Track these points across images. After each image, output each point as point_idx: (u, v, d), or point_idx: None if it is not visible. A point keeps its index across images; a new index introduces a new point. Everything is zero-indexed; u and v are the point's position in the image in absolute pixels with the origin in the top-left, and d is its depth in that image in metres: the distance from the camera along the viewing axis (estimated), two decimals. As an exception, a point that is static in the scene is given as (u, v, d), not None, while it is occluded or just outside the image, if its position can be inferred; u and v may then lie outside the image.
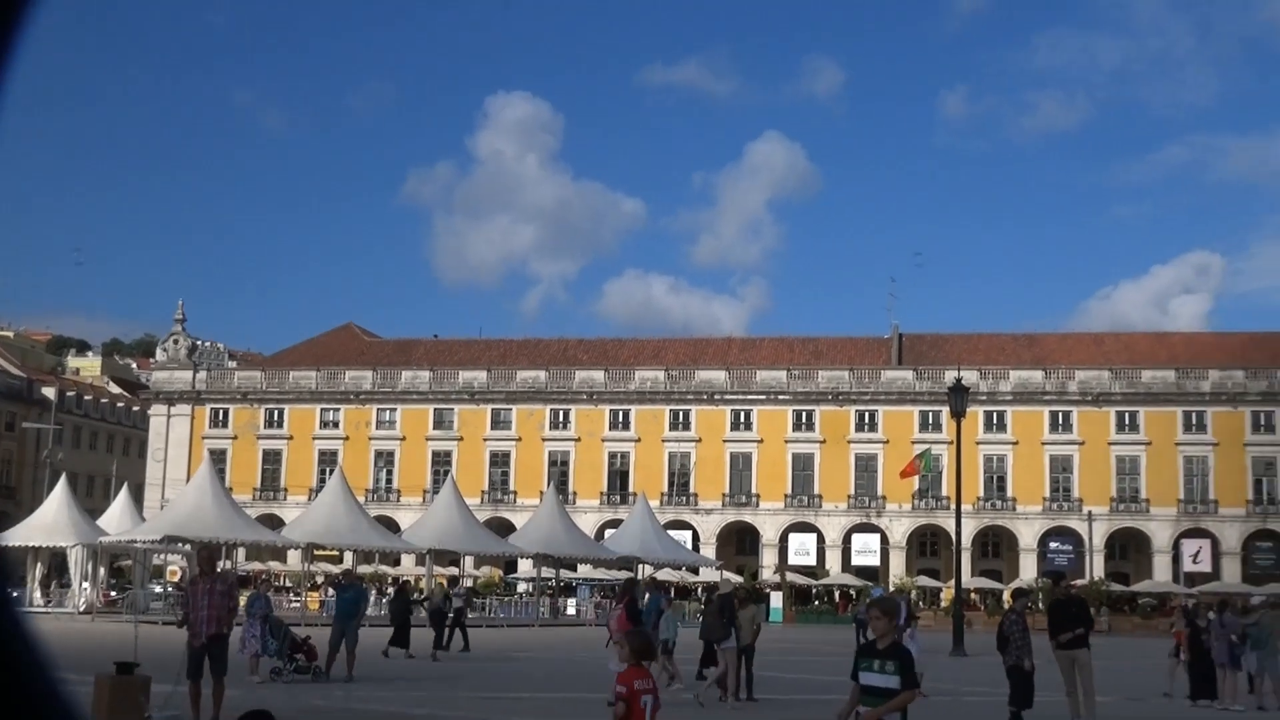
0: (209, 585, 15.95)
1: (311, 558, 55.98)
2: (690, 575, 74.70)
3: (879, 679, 8.18)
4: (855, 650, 8.61)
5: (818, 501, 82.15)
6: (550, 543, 56.65)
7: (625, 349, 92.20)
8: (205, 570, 16.68)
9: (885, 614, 8.45)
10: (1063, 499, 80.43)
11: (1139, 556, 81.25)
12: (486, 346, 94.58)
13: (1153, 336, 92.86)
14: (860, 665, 8.34)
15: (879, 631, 8.41)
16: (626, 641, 8.81)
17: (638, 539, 59.86)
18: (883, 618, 8.41)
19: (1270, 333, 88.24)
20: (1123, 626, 68.17)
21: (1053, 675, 18.34)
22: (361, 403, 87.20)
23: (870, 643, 8.51)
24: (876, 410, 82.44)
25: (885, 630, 8.38)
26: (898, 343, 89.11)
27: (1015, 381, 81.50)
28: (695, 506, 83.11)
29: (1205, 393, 79.89)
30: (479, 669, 28.81)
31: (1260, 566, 76.77)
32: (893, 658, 8.20)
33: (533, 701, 22.13)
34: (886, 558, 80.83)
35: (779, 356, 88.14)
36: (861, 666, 8.33)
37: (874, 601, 9.15)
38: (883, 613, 8.46)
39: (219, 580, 16.52)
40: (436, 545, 53.70)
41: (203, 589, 15.87)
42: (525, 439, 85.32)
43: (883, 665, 8.18)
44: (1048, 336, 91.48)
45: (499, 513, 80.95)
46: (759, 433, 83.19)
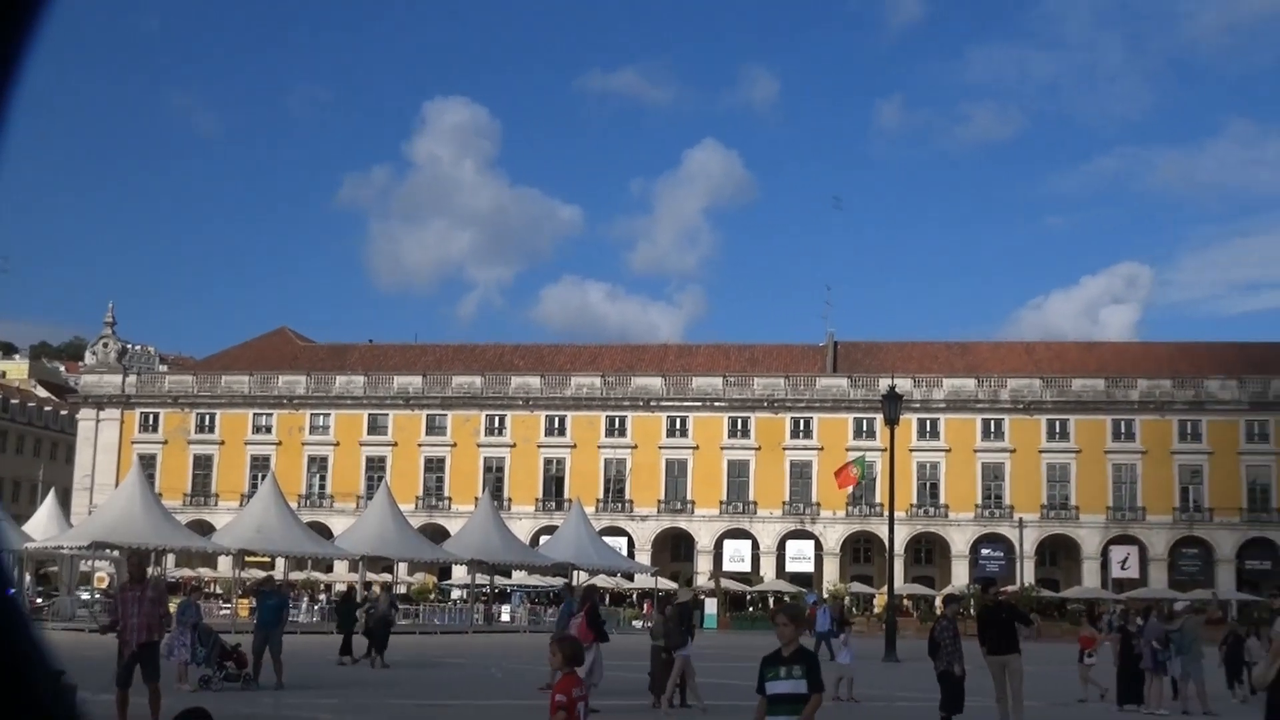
0: (139, 593, 15.80)
1: (243, 564, 55.32)
2: (625, 581, 74.75)
3: (788, 686, 8.01)
4: (760, 661, 8.36)
5: (753, 508, 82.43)
6: (485, 549, 56.39)
7: (561, 355, 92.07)
8: (135, 577, 16.51)
9: (792, 621, 8.31)
10: (994, 506, 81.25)
11: (1069, 563, 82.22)
12: (422, 352, 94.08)
13: (1083, 346, 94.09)
14: (767, 676, 8.15)
15: (785, 639, 8.23)
16: (559, 649, 8.80)
17: (573, 545, 59.74)
18: (789, 624, 8.25)
19: (1197, 343, 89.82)
20: (1052, 632, 68.82)
21: (984, 681, 18.50)
22: (295, 407, 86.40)
23: (775, 652, 8.28)
24: (811, 417, 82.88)
25: (791, 637, 8.22)
26: (833, 350, 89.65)
27: (948, 389, 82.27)
28: (631, 513, 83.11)
29: (1134, 401, 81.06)
30: (412, 676, 28.62)
31: (1186, 573, 77.98)
32: (799, 662, 8.06)
33: (463, 709, 22.03)
34: (821, 564, 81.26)
35: (715, 364, 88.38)
36: (768, 677, 8.14)
37: (780, 609, 8.83)
38: (789, 619, 8.29)
39: (150, 587, 16.37)
40: (370, 552, 53.28)
41: (133, 596, 15.73)
42: (460, 445, 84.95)
43: (790, 671, 8.03)
44: (980, 345, 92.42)
45: (433, 519, 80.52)
46: (694, 439, 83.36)
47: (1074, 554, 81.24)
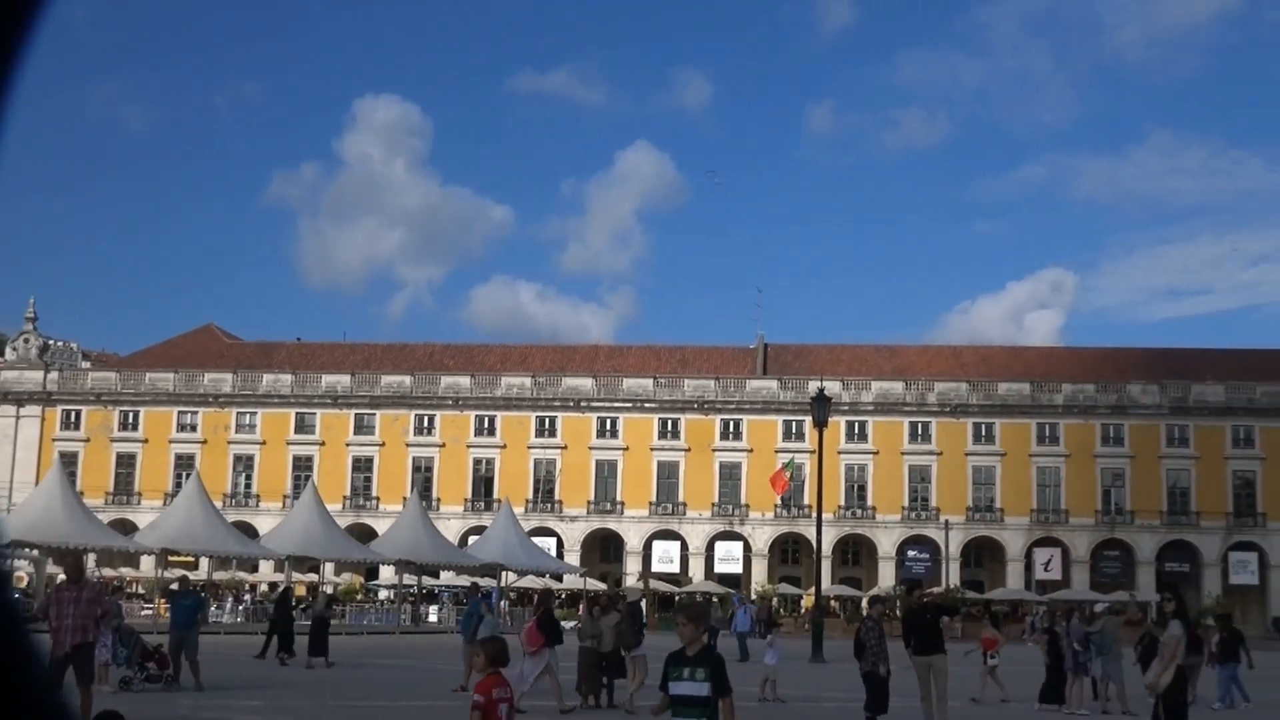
0: (75, 593, 15.57)
1: (166, 564, 54.53)
2: (554, 582, 74.56)
3: (690, 687, 7.79)
4: (665, 659, 8.17)
5: (682, 509, 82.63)
6: (412, 549, 56.04)
7: (492, 355, 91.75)
8: (72, 577, 16.26)
9: (691, 620, 8.04)
10: (921, 508, 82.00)
11: (993, 565, 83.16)
12: (351, 350, 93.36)
13: (1009, 350, 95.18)
14: (670, 675, 7.94)
15: (686, 639, 8.01)
16: (483, 650, 8.76)
17: (501, 546, 59.51)
18: (689, 624, 8.01)
19: (1119, 348, 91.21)
20: (976, 633, 69.60)
21: (909, 681, 18.65)
22: (221, 405, 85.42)
23: (680, 650, 8.06)
24: (741, 419, 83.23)
25: (692, 637, 7.98)
26: (763, 353, 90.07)
27: (876, 392, 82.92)
28: (560, 514, 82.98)
29: (1058, 405, 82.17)
30: (338, 677, 28.37)
31: (1107, 574, 79.16)
32: (703, 664, 7.84)
33: (386, 710, 21.88)
34: (749, 565, 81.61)
35: (646, 365, 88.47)
36: (672, 676, 7.93)
37: (680, 608, 8.66)
38: (688, 619, 8.05)
39: (86, 588, 16.12)
40: (296, 551, 52.77)
41: (68, 597, 15.52)
42: (389, 444, 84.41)
43: (693, 673, 7.80)
44: (908, 348, 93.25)
45: (361, 519, 79.93)
46: (625, 440, 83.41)
47: (998, 556, 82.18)
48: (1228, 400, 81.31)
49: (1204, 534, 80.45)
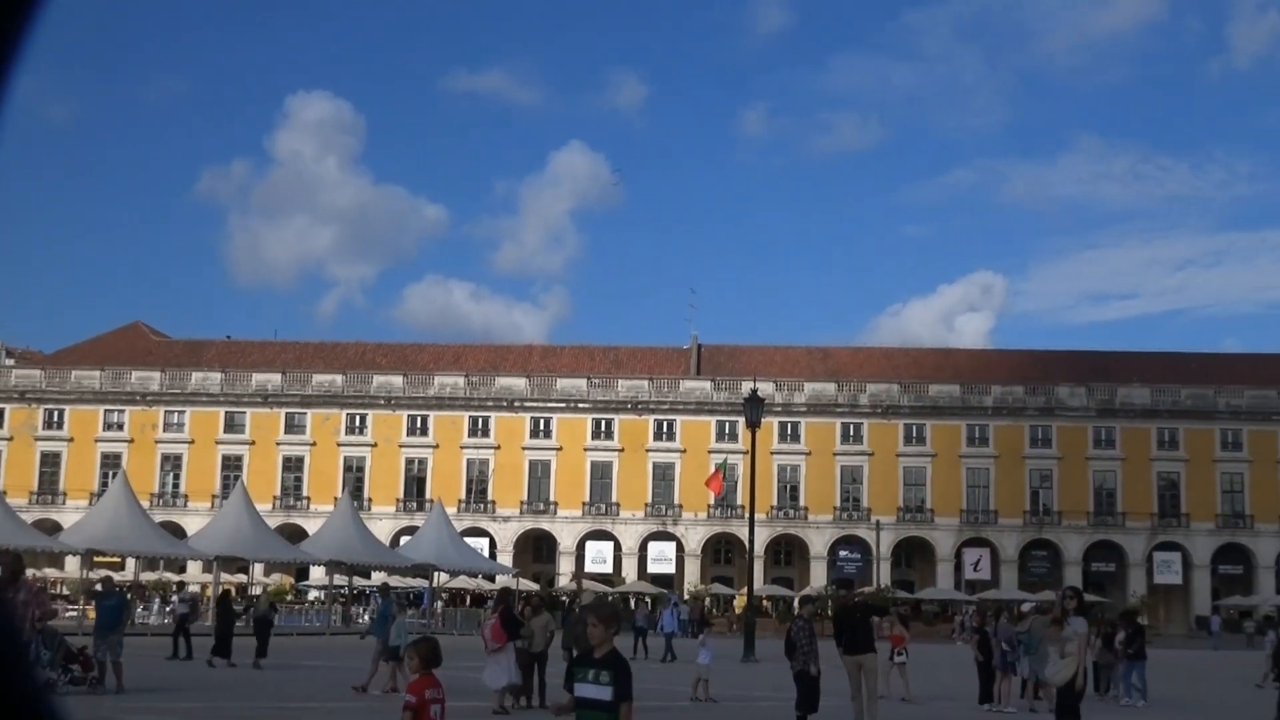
0: (12, 594, 15.29)
1: (91, 564, 53.70)
2: (486, 583, 74.32)
3: (592, 690, 7.60)
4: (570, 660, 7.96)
5: (615, 509, 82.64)
6: (343, 549, 55.55)
7: (425, 354, 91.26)
8: (8, 578, 15.96)
9: (601, 621, 7.81)
10: (852, 508, 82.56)
11: (923, 565, 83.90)
12: (281, 349, 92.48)
13: (940, 352, 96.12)
14: (575, 675, 7.76)
15: (595, 640, 7.80)
16: (415, 651, 8.67)
17: (433, 546, 59.17)
18: (599, 625, 7.79)
19: (1048, 351, 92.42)
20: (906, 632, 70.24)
21: (840, 680, 18.74)
22: (148, 404, 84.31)
23: (586, 651, 7.91)
24: (675, 420, 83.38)
25: (602, 639, 7.77)
26: (696, 353, 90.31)
27: (809, 393, 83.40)
28: (493, 514, 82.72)
29: (988, 407, 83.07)
30: (267, 678, 28.08)
31: (1035, 574, 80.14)
32: (607, 667, 7.66)
33: (315, 711, 21.66)
34: (682, 565, 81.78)
35: (579, 365, 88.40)
36: (576, 677, 7.74)
37: (590, 608, 8.30)
38: (599, 620, 7.82)
39: (22, 588, 15.84)
40: (224, 552, 52.13)
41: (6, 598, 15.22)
42: (320, 444, 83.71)
43: (597, 675, 7.62)
44: (841, 350, 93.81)
45: (291, 519, 79.23)
46: (558, 440, 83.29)
47: (929, 556, 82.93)
48: (1153, 403, 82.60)
49: (1129, 534, 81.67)
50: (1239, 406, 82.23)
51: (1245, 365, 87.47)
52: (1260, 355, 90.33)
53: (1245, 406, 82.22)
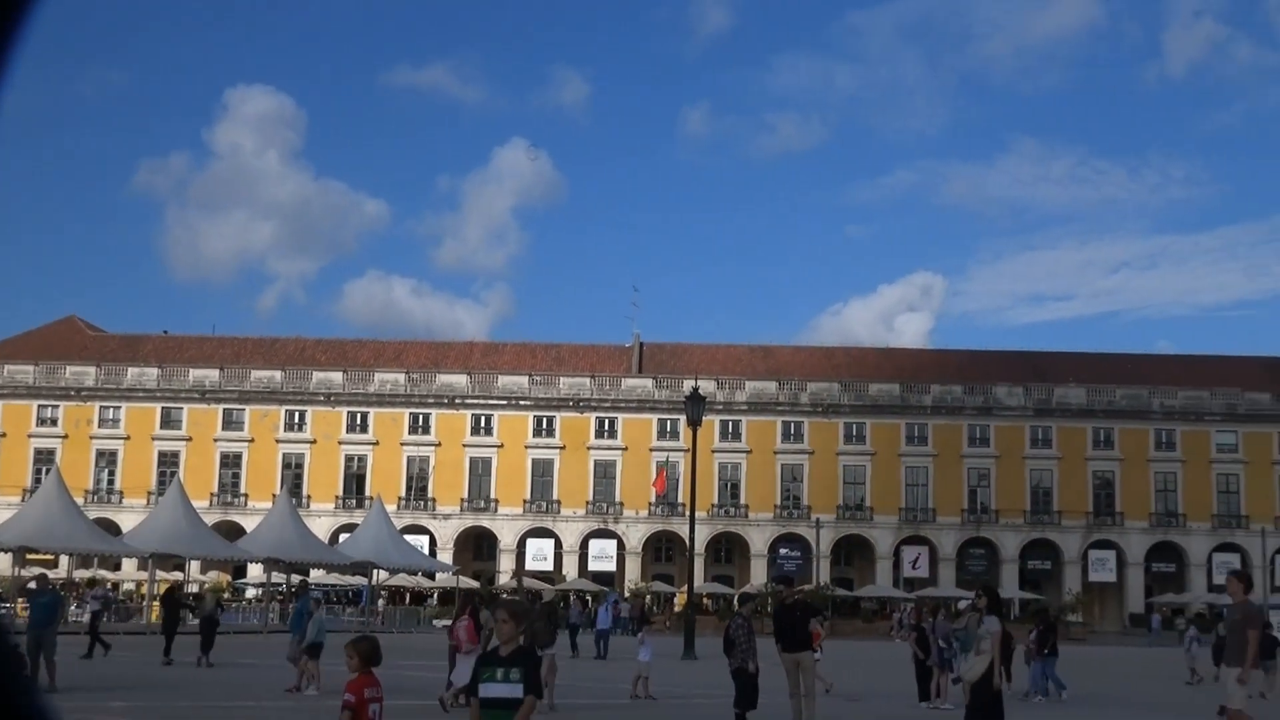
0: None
1: (24, 562, 52.91)
2: (426, 580, 74.05)
3: (502, 689, 7.42)
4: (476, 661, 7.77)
5: (556, 507, 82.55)
6: (281, 547, 55.08)
7: (365, 350, 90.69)
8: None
9: (512, 617, 7.63)
10: (793, 506, 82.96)
11: (862, 562, 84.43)
12: (219, 344, 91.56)
13: (880, 351, 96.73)
14: (482, 676, 7.55)
15: (504, 636, 7.61)
16: (354, 649, 8.58)
17: (373, 544, 58.82)
18: (509, 621, 7.60)
19: (986, 351, 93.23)
20: (845, 630, 70.72)
21: (778, 677, 18.81)
22: (83, 399, 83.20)
23: (493, 650, 7.71)
24: (616, 417, 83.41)
25: (510, 635, 7.60)
26: (639, 351, 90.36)
27: (750, 392, 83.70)
28: (433, 511, 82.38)
29: (927, 406, 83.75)
30: (203, 677, 27.79)
31: (973, 572, 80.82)
32: (517, 664, 7.49)
33: (248, 711, 21.47)
34: (623, 563, 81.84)
35: (521, 362, 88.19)
36: (484, 677, 7.53)
37: (501, 604, 8.09)
38: (510, 615, 7.63)
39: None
40: (160, 549, 51.51)
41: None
42: (258, 440, 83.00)
43: (506, 673, 7.44)
44: (782, 349, 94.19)
45: (229, 516, 78.51)
46: (499, 438, 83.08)
47: (868, 554, 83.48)
48: (1089, 403, 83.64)
49: (1065, 532, 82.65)
50: (1172, 407, 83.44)
51: (1179, 366, 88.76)
52: (1193, 356, 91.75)
53: (1178, 407, 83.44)
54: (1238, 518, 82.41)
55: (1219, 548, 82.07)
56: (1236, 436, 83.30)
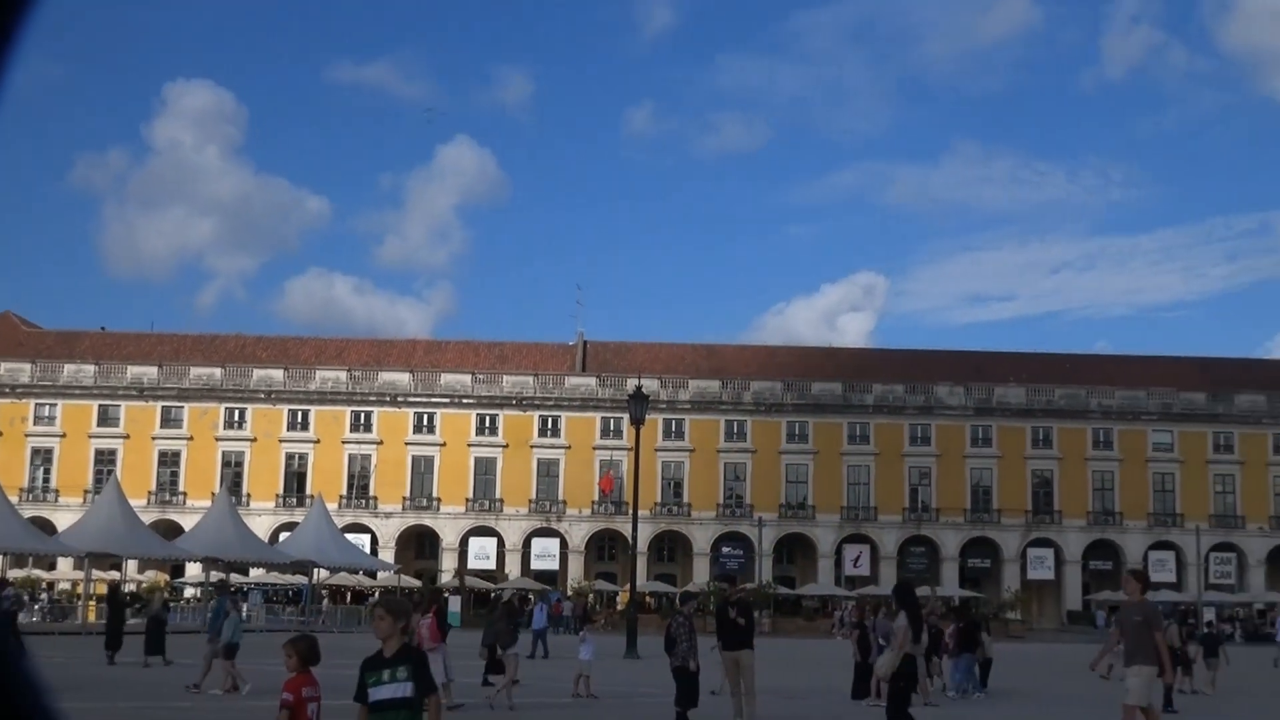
0: None
1: (-45, 561, 52.19)
2: (368, 579, 73.61)
3: (391, 690, 7.18)
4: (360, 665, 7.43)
5: (499, 505, 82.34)
6: (220, 546, 54.59)
7: (306, 348, 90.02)
8: None
9: (391, 613, 7.37)
10: (735, 505, 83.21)
11: (805, 561, 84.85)
12: (158, 341, 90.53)
13: (822, 351, 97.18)
14: (369, 681, 7.26)
15: (384, 633, 7.36)
16: (293, 649, 8.49)
17: (313, 543, 58.46)
18: (387, 618, 7.35)
19: (928, 350, 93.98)
20: (787, 628, 71.08)
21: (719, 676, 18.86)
22: (18, 396, 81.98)
23: (377, 653, 7.40)
24: (560, 416, 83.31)
25: (390, 633, 7.35)
26: (582, 350, 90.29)
27: (694, 391, 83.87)
28: (375, 510, 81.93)
29: (869, 405, 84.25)
30: (144, 677, 27.48)
31: (914, 570, 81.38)
32: (404, 663, 7.27)
33: (190, 712, 21.26)
34: (566, 562, 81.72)
35: (464, 360, 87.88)
36: (370, 682, 7.25)
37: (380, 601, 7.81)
38: (388, 612, 7.38)
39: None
40: (96, 548, 50.88)
41: None
42: (197, 438, 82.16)
43: (394, 674, 7.21)
44: (725, 348, 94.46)
45: (167, 514, 77.71)
46: (442, 436, 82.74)
47: (810, 552, 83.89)
48: (1028, 402, 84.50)
49: (1004, 531, 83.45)
50: (1110, 407, 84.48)
51: (1116, 367, 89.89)
52: (1131, 357, 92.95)
53: (1116, 407, 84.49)
54: (1173, 516, 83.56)
55: (1155, 545, 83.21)
56: (1172, 436, 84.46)
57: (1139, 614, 14.79)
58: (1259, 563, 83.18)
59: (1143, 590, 15.21)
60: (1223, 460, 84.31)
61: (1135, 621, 14.75)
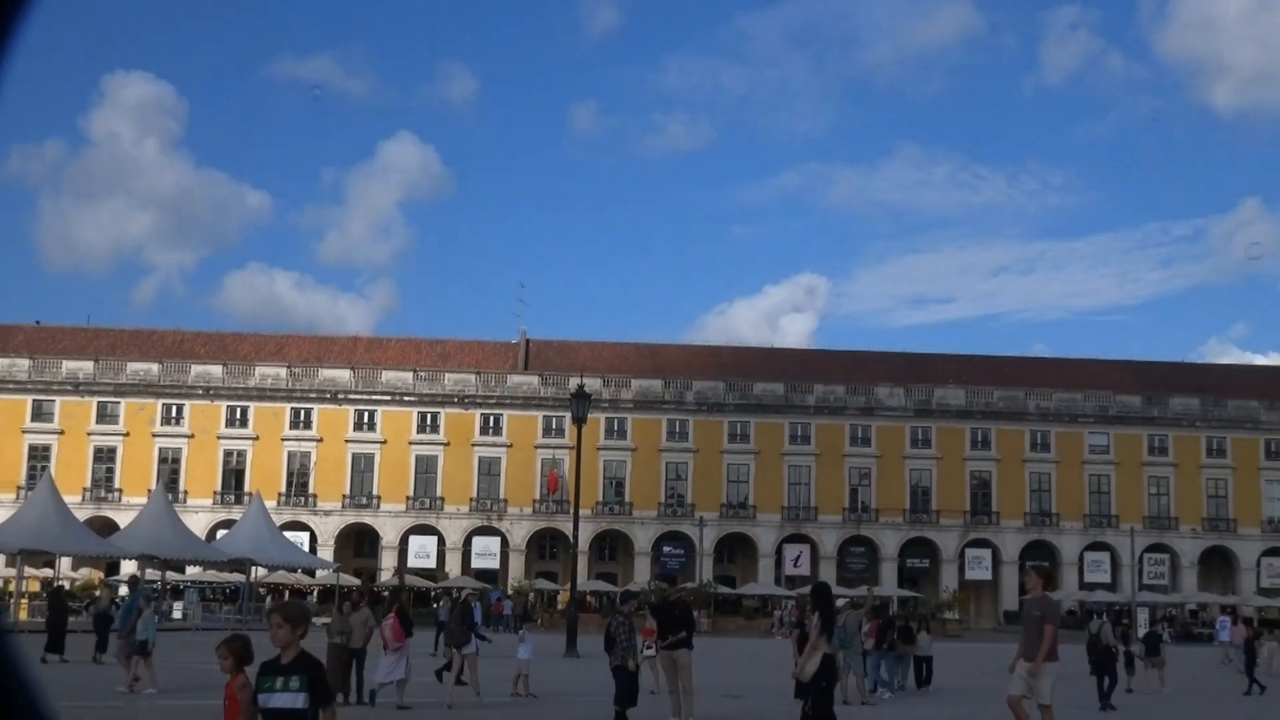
0: None
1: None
2: (306, 578, 73.06)
3: (284, 699, 6.91)
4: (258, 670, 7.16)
5: (440, 504, 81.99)
6: (156, 543, 53.88)
7: (246, 344, 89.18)
8: None
9: (288, 621, 7.05)
10: (677, 505, 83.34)
11: (745, 560, 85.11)
12: (94, 335, 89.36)
13: (764, 351, 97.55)
14: (262, 687, 7.00)
15: (281, 641, 7.05)
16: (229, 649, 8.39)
17: (251, 540, 57.87)
18: (284, 625, 7.03)
19: (868, 352, 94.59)
20: (727, 627, 71.32)
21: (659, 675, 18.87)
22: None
23: (274, 659, 7.11)
24: (501, 414, 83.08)
25: (287, 640, 7.04)
26: (525, 348, 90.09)
27: (636, 390, 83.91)
28: (314, 507, 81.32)
29: (810, 406, 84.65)
30: (78, 677, 27.10)
31: (853, 570, 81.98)
32: (299, 672, 6.98)
33: (125, 712, 20.99)
34: (506, 560, 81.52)
35: (405, 358, 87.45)
36: (263, 688, 6.98)
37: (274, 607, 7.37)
38: (284, 619, 7.05)
39: None
40: (29, 545, 50.02)
41: None
42: (134, 434, 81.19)
43: (286, 683, 6.94)
44: (668, 347, 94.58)
45: (102, 511, 76.69)
46: (382, 434, 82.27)
47: (751, 552, 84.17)
48: (967, 404, 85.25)
49: (943, 531, 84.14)
50: (1047, 409, 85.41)
51: (1054, 369, 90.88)
52: (1068, 360, 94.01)
53: (1053, 409, 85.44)
54: (1108, 517, 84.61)
55: (1090, 546, 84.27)
56: (1108, 438, 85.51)
57: (1038, 609, 14.93)
58: (1191, 564, 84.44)
59: (1044, 586, 15.33)
60: (1157, 463, 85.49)
61: (1034, 617, 14.89)
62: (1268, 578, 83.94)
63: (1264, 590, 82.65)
